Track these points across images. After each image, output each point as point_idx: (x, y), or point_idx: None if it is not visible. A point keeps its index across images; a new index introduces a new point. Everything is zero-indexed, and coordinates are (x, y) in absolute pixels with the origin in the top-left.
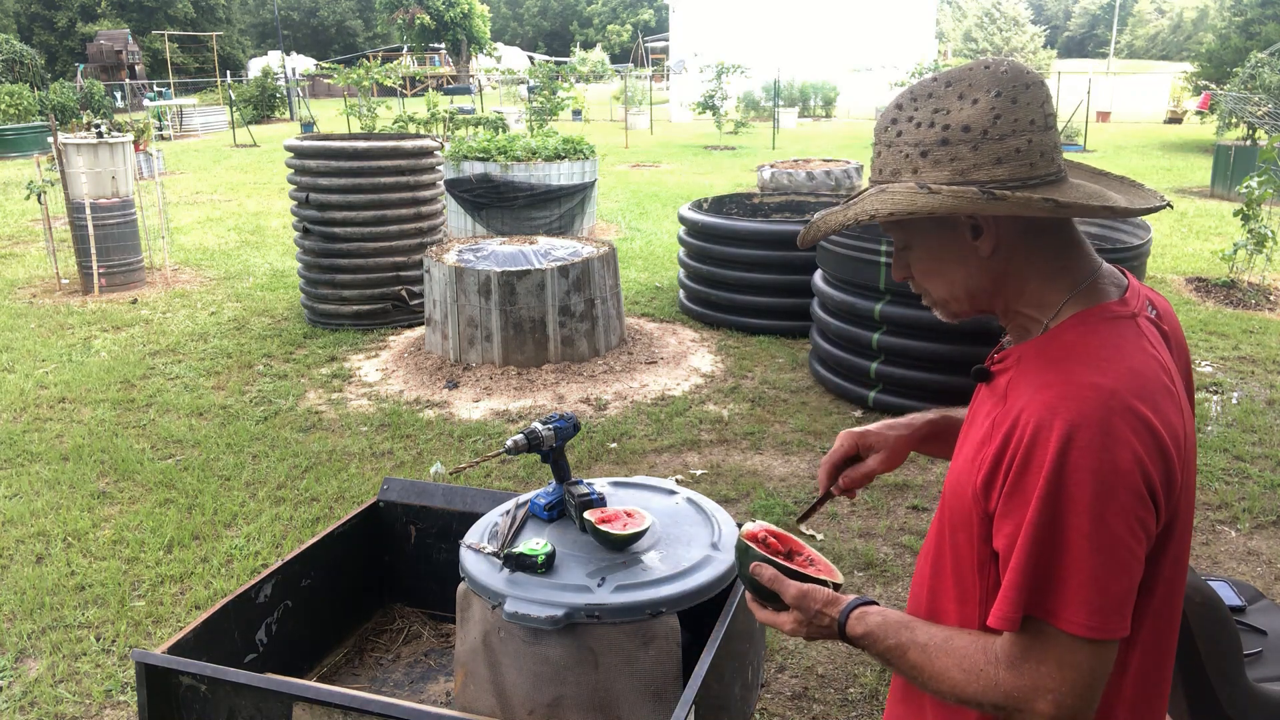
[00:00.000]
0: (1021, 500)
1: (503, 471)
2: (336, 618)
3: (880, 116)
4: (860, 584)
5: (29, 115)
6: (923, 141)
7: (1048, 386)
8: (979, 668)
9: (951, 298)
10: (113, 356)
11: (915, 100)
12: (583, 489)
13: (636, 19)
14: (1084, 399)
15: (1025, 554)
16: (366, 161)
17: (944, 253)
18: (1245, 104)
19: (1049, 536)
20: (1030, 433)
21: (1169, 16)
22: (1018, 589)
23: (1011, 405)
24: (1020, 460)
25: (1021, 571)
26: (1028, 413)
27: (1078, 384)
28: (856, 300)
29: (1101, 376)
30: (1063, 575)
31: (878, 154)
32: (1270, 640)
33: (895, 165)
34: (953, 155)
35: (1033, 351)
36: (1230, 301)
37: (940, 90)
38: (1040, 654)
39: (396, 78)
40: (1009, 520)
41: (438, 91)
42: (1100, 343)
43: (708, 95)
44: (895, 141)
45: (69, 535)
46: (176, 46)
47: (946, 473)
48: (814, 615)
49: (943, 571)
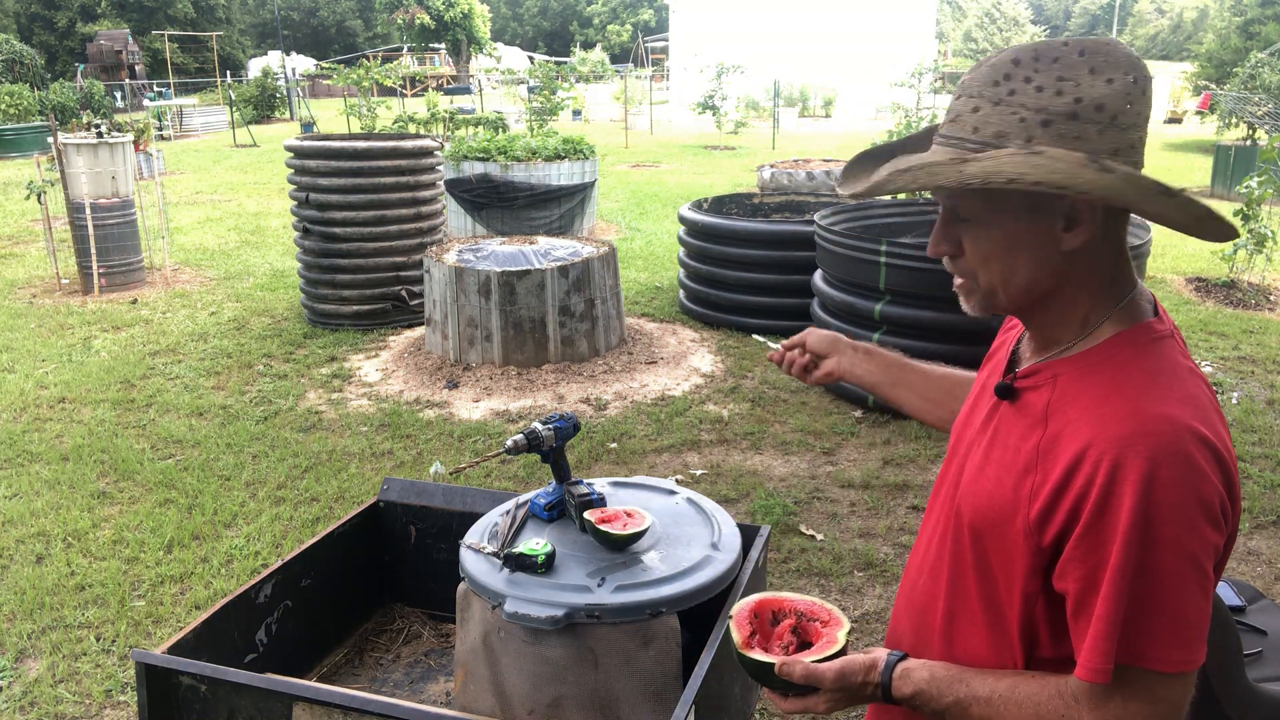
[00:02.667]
0: (1099, 542)
1: (503, 471)
2: (336, 618)
3: (982, 67)
4: (860, 584)
5: (29, 115)
6: (1047, 109)
7: (1117, 419)
8: (1058, 714)
9: (1003, 288)
10: (113, 356)
11: (1038, 60)
12: (583, 489)
13: (636, 19)
14: (1160, 433)
15: (1114, 602)
16: (366, 161)
17: (1023, 239)
18: (1245, 104)
19: (1138, 581)
20: (1106, 471)
21: (1169, 16)
22: (1109, 639)
23: (1064, 433)
24: (1096, 500)
25: (1111, 621)
26: (1097, 448)
27: (1150, 416)
28: (856, 300)
29: (1169, 406)
30: (1154, 618)
31: (973, 108)
32: (1270, 640)
33: (1003, 127)
34: (1078, 133)
35: (1074, 372)
36: (1230, 301)
37: (1071, 57)
38: (1129, 693)
39: (396, 78)
40: (1082, 564)
41: (438, 91)
42: (1156, 367)
43: (708, 95)
44: (1005, 100)
45: (69, 535)
46: (176, 46)
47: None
48: (856, 689)
49: (965, 595)
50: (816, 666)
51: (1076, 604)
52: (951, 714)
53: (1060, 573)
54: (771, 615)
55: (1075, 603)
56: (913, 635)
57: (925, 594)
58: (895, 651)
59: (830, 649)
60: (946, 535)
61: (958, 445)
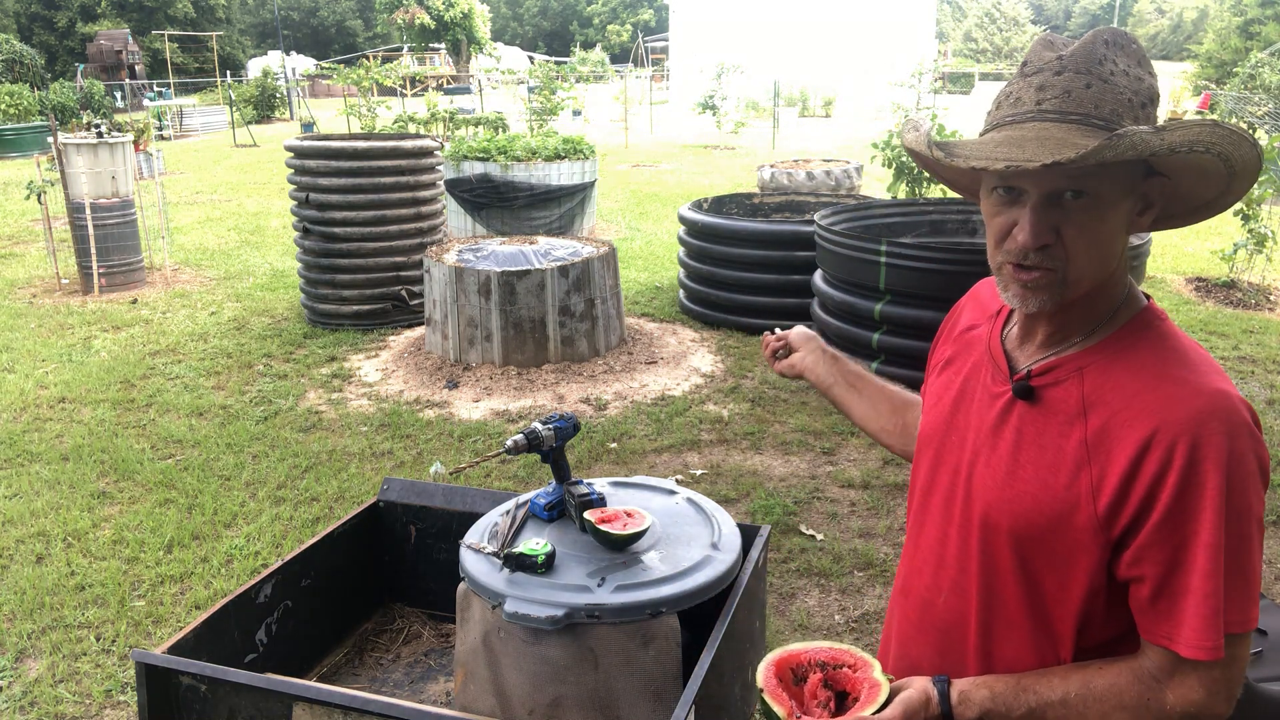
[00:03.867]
0: (1183, 521)
1: (503, 471)
2: (336, 618)
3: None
4: (860, 584)
5: (29, 115)
6: (1140, 93)
7: (1180, 401)
8: (1142, 699)
9: (1093, 272)
10: (113, 356)
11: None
12: (583, 489)
13: (636, 19)
14: (1226, 409)
15: (1215, 579)
16: (366, 161)
17: (1122, 221)
18: (1245, 104)
19: (1234, 551)
20: (1185, 451)
21: (1169, 16)
22: (1217, 614)
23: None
24: (1177, 481)
25: (1215, 596)
26: (1169, 431)
27: (1211, 393)
28: (856, 300)
29: (1217, 380)
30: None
31: (1085, 84)
32: (1270, 640)
33: (1116, 107)
34: (1153, 116)
35: (1100, 362)
36: (1230, 301)
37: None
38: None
39: (396, 78)
40: (1164, 546)
41: (438, 91)
42: (1182, 345)
43: (708, 95)
44: (1111, 80)
45: (69, 535)
46: (176, 46)
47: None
48: None
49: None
50: (883, 716)
51: (1158, 586)
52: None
53: (1134, 559)
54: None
55: (1156, 585)
56: (937, 658)
57: (950, 612)
58: (938, 677)
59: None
60: (970, 549)
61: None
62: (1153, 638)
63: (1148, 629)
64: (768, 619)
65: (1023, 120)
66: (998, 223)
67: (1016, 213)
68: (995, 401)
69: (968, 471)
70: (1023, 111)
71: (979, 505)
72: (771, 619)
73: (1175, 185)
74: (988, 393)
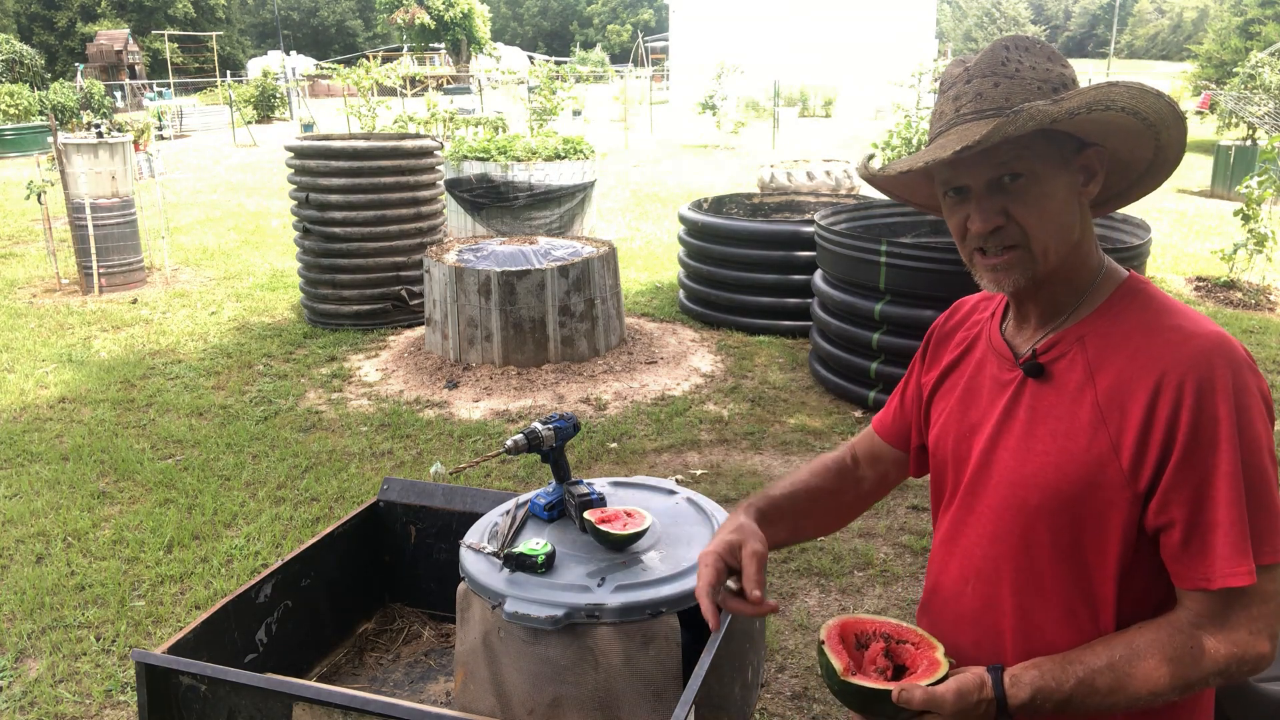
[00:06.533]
0: (1202, 457)
1: (503, 471)
2: (336, 618)
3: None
4: (860, 584)
5: (29, 115)
6: (1050, 80)
7: (1180, 343)
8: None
9: (1055, 242)
10: (113, 356)
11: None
12: (583, 489)
13: (636, 19)
14: (1225, 345)
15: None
16: (366, 161)
17: (1066, 191)
18: (1245, 104)
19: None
20: (1193, 388)
21: (1169, 16)
22: (1244, 539)
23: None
24: (1190, 419)
25: (1240, 521)
26: (1176, 372)
27: (1209, 333)
28: (856, 300)
29: (1211, 325)
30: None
31: (994, 84)
32: None
33: (1027, 95)
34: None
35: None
36: (1230, 301)
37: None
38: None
39: (397, 78)
40: (1186, 486)
41: (438, 91)
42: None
43: (708, 96)
44: (1017, 75)
45: (69, 535)
46: (176, 46)
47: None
48: (973, 707)
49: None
50: (936, 690)
51: (1187, 528)
52: (1077, 697)
53: (1161, 506)
54: (855, 638)
55: (1185, 527)
56: (974, 649)
57: (981, 600)
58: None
59: (939, 671)
60: (1001, 533)
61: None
62: (1189, 583)
63: (1182, 575)
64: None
65: (946, 129)
66: (954, 221)
67: (968, 207)
68: (1006, 389)
69: (985, 460)
70: (946, 122)
71: (1003, 488)
72: (771, 619)
73: (1112, 151)
74: (996, 382)
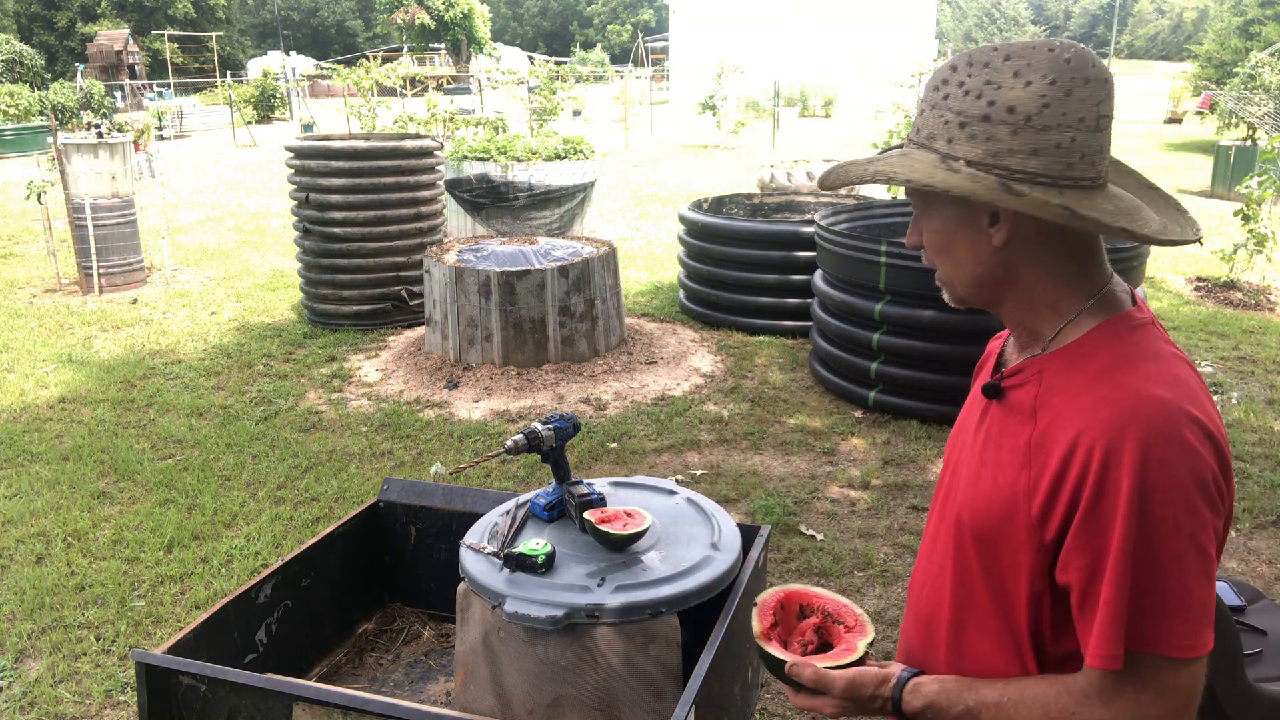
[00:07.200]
0: (1098, 528)
1: (503, 471)
2: (336, 618)
3: (934, 73)
4: (860, 584)
5: (29, 115)
6: (965, 112)
7: (1105, 403)
8: (1069, 712)
9: (956, 280)
10: (113, 356)
11: (971, 66)
12: (583, 489)
13: (636, 19)
14: (1151, 414)
15: (1120, 586)
16: (366, 162)
17: (958, 233)
18: (1245, 104)
19: (1142, 564)
20: (1100, 455)
21: (1169, 16)
22: (1118, 623)
23: (1049, 425)
24: (1093, 486)
25: (1119, 605)
26: (1090, 434)
27: (1139, 398)
28: (856, 300)
29: (1158, 388)
30: (1160, 601)
31: (920, 112)
32: (1270, 640)
33: (932, 130)
34: (990, 134)
35: (1058, 364)
36: (1230, 301)
37: (998, 62)
38: (1139, 683)
39: (397, 78)
40: (1084, 552)
41: (438, 91)
42: (1139, 352)
43: (708, 96)
44: (940, 105)
45: (69, 535)
46: (176, 47)
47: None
48: (866, 700)
49: (973, 604)
50: (826, 673)
51: (1081, 595)
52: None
53: (1063, 565)
54: (799, 609)
55: (1080, 594)
56: (922, 649)
57: (930, 605)
58: (911, 669)
59: (847, 657)
60: (949, 545)
61: (951, 455)
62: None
63: (1080, 639)
64: None
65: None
66: None
67: None
68: (978, 404)
69: (955, 469)
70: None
71: (954, 503)
72: None
73: None
74: (977, 396)
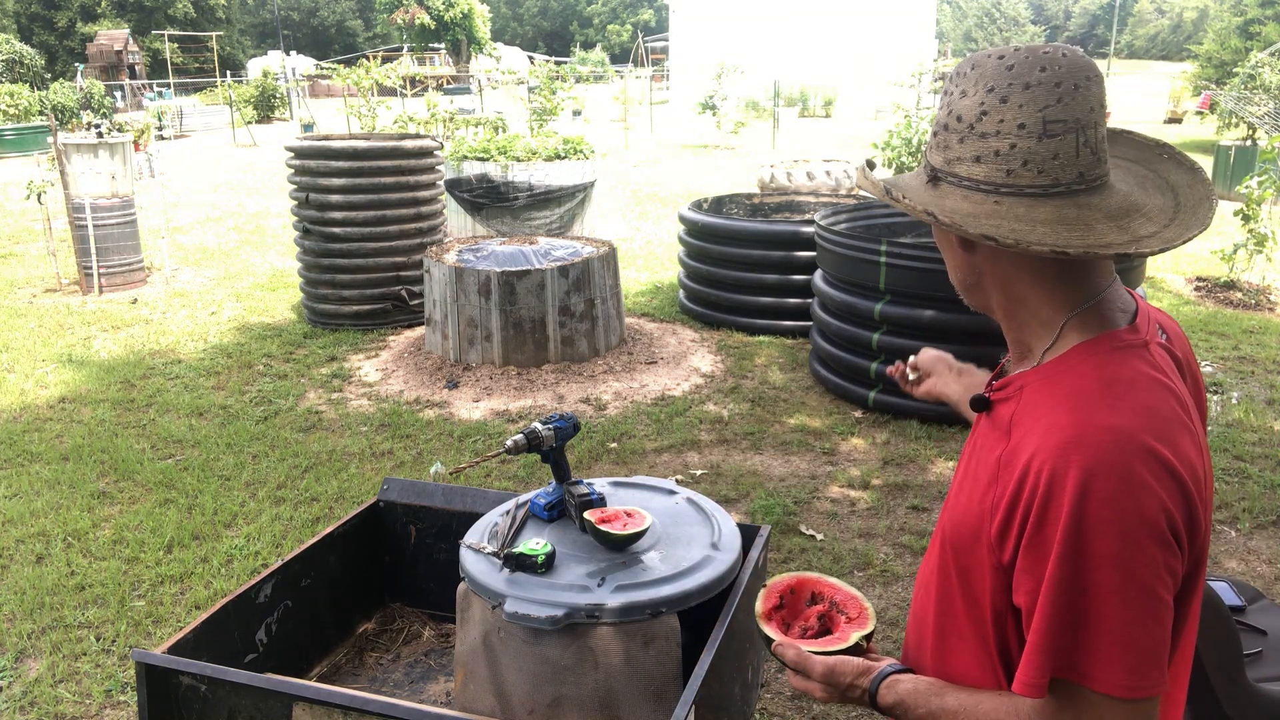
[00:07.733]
0: (1040, 555)
1: (503, 471)
2: (336, 618)
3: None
4: (860, 584)
5: (29, 115)
6: (937, 119)
7: (1058, 428)
8: None
9: (957, 284)
10: (113, 356)
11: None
12: (583, 489)
13: (636, 19)
14: (1099, 444)
15: (1048, 615)
16: (366, 162)
17: (940, 238)
18: (1245, 104)
19: (1072, 594)
20: (1045, 482)
21: (1169, 16)
22: (1041, 652)
23: (1018, 444)
24: (1037, 512)
25: (1044, 634)
26: (1039, 458)
27: (1092, 426)
28: (856, 300)
29: (1116, 417)
30: (1092, 634)
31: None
32: (1270, 640)
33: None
34: (945, 141)
35: (1036, 382)
36: (1230, 301)
37: (967, 70)
38: (1075, 717)
39: (397, 78)
40: (1029, 576)
41: (438, 91)
42: (1112, 376)
43: (708, 96)
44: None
45: (69, 535)
46: (176, 47)
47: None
48: (845, 689)
49: (953, 613)
50: (808, 655)
51: (1028, 617)
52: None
53: (1015, 588)
54: (811, 595)
55: (1027, 616)
56: (915, 649)
57: (921, 608)
58: (896, 664)
59: (836, 645)
60: (936, 553)
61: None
62: None
63: None
64: None
65: None
66: None
67: None
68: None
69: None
70: None
71: (945, 511)
72: None
73: None
74: None
